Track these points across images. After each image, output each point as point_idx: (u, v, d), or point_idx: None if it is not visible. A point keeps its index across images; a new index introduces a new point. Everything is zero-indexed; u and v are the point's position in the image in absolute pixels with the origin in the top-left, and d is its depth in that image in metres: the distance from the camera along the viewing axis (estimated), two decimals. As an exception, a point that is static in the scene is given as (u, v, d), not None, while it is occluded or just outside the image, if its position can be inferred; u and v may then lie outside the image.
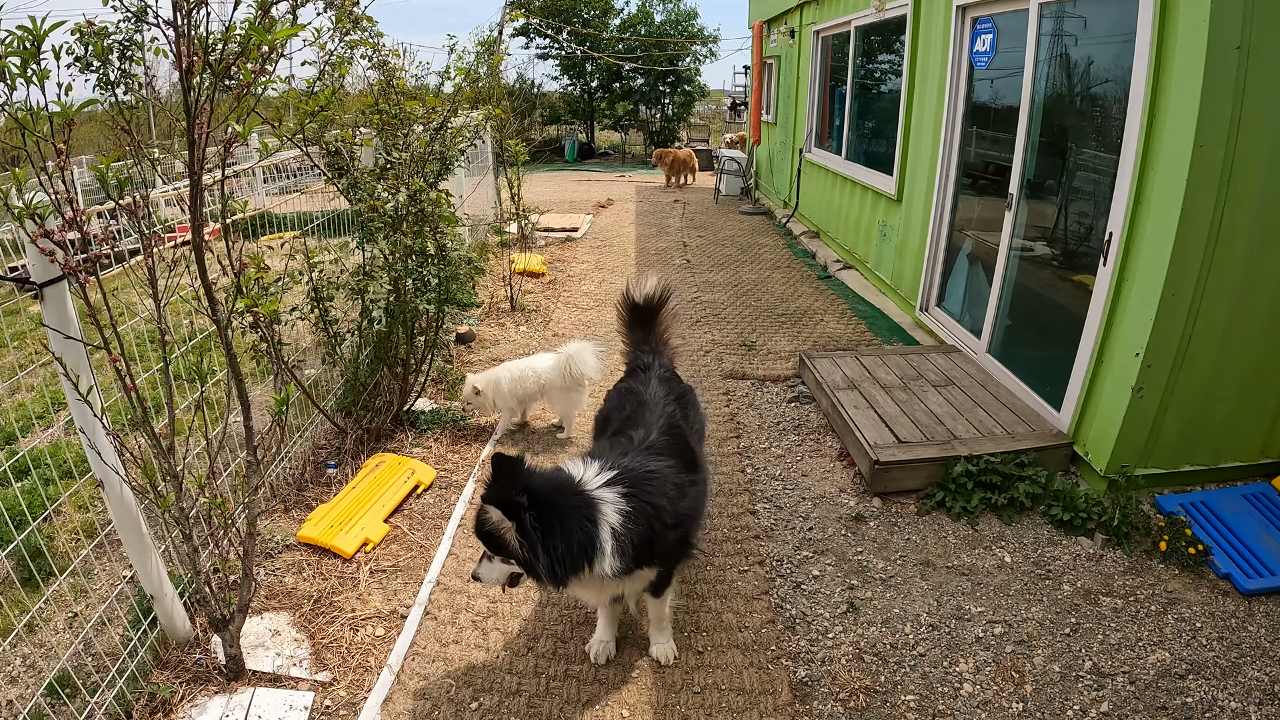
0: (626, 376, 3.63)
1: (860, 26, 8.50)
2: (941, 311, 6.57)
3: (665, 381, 3.36)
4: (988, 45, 5.68)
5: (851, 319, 7.12)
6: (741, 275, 8.65)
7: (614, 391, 3.52)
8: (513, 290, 7.28)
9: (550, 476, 2.46)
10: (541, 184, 17.13)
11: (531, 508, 2.24)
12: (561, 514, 2.30)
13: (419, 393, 5.33)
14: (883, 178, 7.78)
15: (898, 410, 4.75)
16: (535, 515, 2.25)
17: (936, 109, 6.37)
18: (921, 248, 6.74)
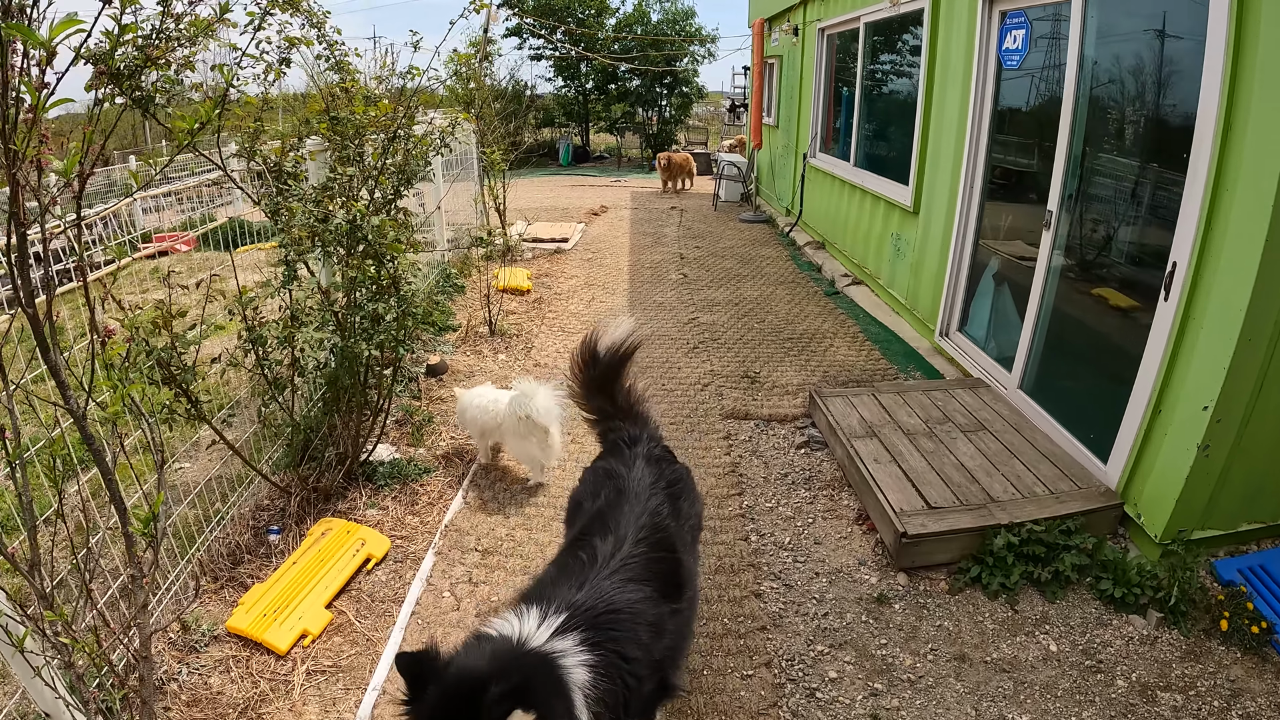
0: (606, 454, 2.98)
1: (871, 22, 7.91)
2: (964, 338, 5.99)
3: (655, 463, 2.71)
4: (1019, 42, 5.10)
5: (863, 344, 6.53)
6: (743, 292, 8.06)
7: (590, 471, 2.89)
8: (491, 313, 6.68)
9: (473, 665, 1.68)
10: (534, 189, 16.56)
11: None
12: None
13: (379, 439, 4.75)
14: (897, 187, 7.20)
15: (924, 464, 4.17)
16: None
17: (959, 114, 5.78)
18: (942, 266, 6.15)
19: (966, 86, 5.64)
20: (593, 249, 10.27)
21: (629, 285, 8.31)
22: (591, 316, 7.22)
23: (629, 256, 9.73)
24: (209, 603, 3.57)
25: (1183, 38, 3.65)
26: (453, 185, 9.40)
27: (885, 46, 7.97)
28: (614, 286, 8.27)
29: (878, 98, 8.26)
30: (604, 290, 8.13)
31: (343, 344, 3.86)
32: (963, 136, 5.71)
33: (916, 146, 6.56)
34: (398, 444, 5.02)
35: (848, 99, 9.08)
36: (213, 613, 3.47)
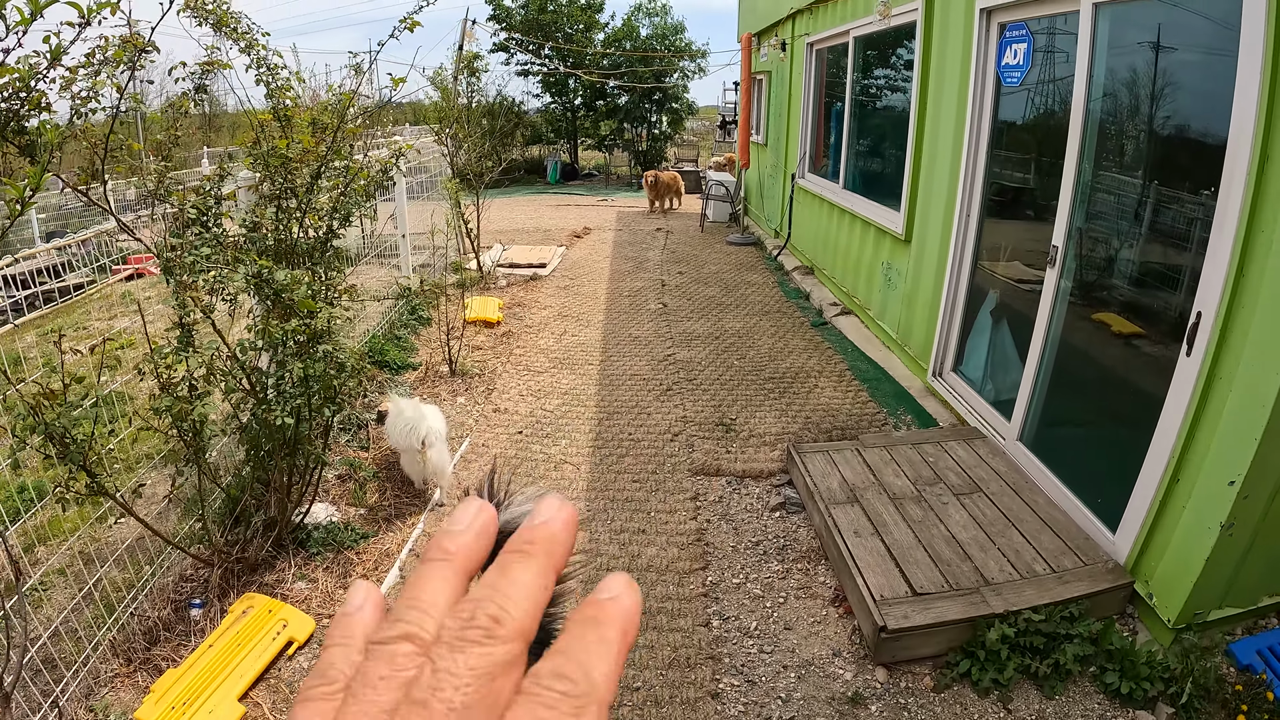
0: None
1: (861, 37, 7.54)
2: (959, 379, 5.58)
3: None
4: (1020, 57, 4.71)
5: (850, 383, 6.12)
6: (725, 323, 7.66)
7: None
8: (451, 352, 6.26)
9: None
10: (518, 209, 16.18)
11: None
12: None
13: (313, 499, 4.33)
14: (888, 213, 6.81)
15: (911, 537, 3.74)
16: None
17: (954, 136, 5.39)
18: (935, 300, 5.75)
19: (962, 106, 5.26)
20: (571, 275, 9.86)
21: (605, 316, 7.91)
22: (561, 353, 6.81)
23: (608, 284, 9.33)
24: (121, 687, 3.22)
25: (1209, 54, 3.26)
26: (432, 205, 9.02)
27: (876, 62, 7.60)
28: (589, 318, 7.86)
29: (868, 117, 7.88)
30: (578, 322, 7.72)
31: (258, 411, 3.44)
32: (958, 161, 5.32)
33: (909, 171, 6.17)
34: (338, 503, 4.60)
35: (837, 117, 8.71)
36: (123, 700, 3.14)
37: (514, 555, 0.35)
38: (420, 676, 0.31)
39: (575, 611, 0.35)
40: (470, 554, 0.37)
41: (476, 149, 10.11)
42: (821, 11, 8.72)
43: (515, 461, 4.89)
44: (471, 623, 0.32)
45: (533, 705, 0.30)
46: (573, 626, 0.34)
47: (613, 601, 0.35)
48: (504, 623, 0.32)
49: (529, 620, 0.33)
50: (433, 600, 0.34)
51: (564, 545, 0.37)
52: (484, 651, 0.31)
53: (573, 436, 5.18)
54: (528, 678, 0.32)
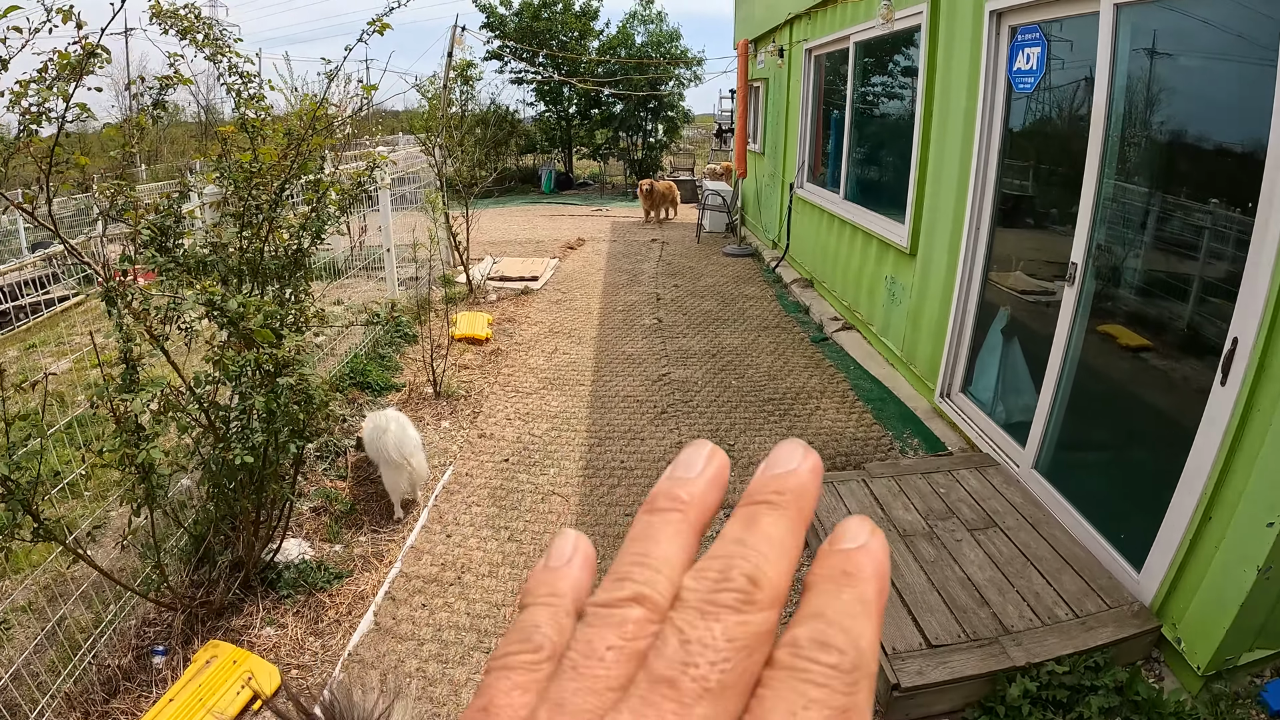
0: None
1: (861, 42, 7.32)
2: (968, 400, 5.34)
3: None
4: (1033, 62, 4.49)
5: (854, 404, 5.87)
6: (722, 339, 7.41)
7: None
8: (436, 373, 6.01)
9: None
10: (511, 219, 15.96)
11: None
12: None
13: (284, 536, 4.07)
14: (892, 225, 6.57)
15: (924, 580, 3.49)
16: None
17: (963, 146, 5.16)
18: (943, 318, 5.51)
19: (971, 113, 5.03)
20: (563, 289, 9.62)
21: (598, 332, 7.66)
22: (552, 372, 6.56)
23: (601, 298, 9.09)
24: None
25: (1244, 61, 3.03)
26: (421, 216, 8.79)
27: (877, 68, 7.38)
28: (581, 334, 7.61)
29: (869, 125, 7.66)
30: (569, 339, 7.47)
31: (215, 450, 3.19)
32: (967, 171, 5.09)
33: (913, 181, 5.94)
34: (312, 538, 4.34)
35: (837, 126, 8.49)
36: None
37: (762, 507, 0.29)
38: (662, 648, 0.26)
39: (819, 564, 0.28)
40: (705, 505, 0.30)
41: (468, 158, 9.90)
42: (820, 17, 8.51)
43: (501, 492, 4.63)
44: (725, 584, 0.27)
45: (799, 683, 0.25)
46: (822, 584, 0.28)
47: (863, 551, 0.28)
48: (762, 585, 0.27)
49: (786, 583, 0.27)
50: (665, 557, 0.28)
51: (814, 497, 0.30)
52: (741, 620, 0.26)
53: (562, 465, 4.93)
54: (782, 647, 0.26)
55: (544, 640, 0.29)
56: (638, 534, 0.30)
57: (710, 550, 0.28)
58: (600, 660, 0.26)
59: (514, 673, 0.28)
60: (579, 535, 0.33)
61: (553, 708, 0.26)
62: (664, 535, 0.29)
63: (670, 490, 0.31)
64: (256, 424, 3.27)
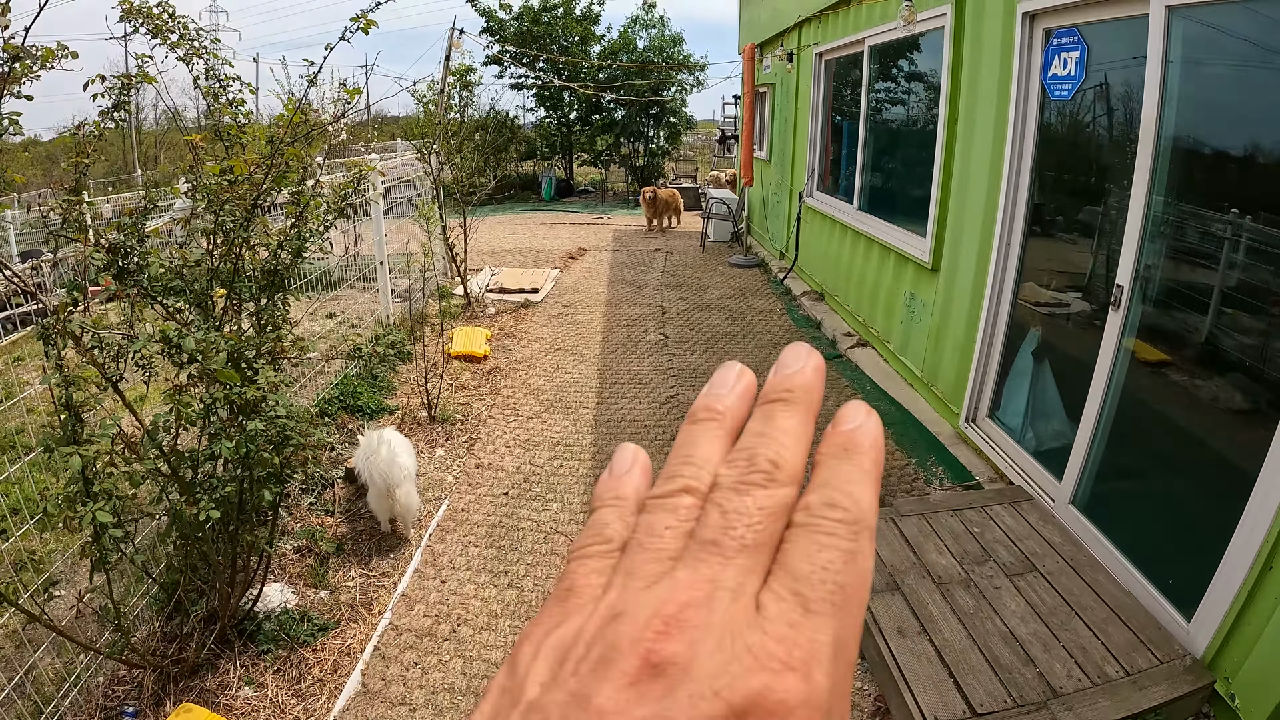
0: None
1: (877, 45, 7.03)
2: (996, 426, 5.03)
3: None
4: (1072, 67, 4.19)
5: (874, 429, 5.56)
6: (731, 356, 7.07)
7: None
8: (431, 396, 5.70)
9: None
10: (511, 228, 15.67)
11: None
12: None
13: (264, 582, 3.76)
14: (911, 238, 6.27)
15: (963, 636, 3.18)
16: None
17: (992, 155, 4.86)
18: (969, 338, 5.21)
19: (1001, 123, 4.73)
20: (565, 301, 9.31)
21: (601, 349, 7.35)
22: (553, 393, 6.24)
23: (604, 311, 8.78)
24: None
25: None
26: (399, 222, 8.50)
27: (894, 73, 7.07)
28: (584, 351, 7.30)
29: (886, 132, 7.35)
30: (571, 357, 7.16)
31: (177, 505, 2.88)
32: (996, 183, 4.79)
33: (936, 192, 5.64)
34: (296, 582, 4.03)
35: (850, 133, 8.19)
36: None
37: (776, 404, 0.36)
38: (706, 519, 0.32)
39: (824, 444, 0.35)
40: (737, 414, 0.37)
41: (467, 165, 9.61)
42: (832, 20, 8.21)
43: (500, 531, 4.32)
44: (753, 466, 0.33)
45: (813, 534, 0.31)
46: (827, 459, 0.34)
47: (859, 430, 0.35)
48: (782, 466, 0.33)
49: (802, 463, 0.34)
50: (706, 456, 0.35)
51: (819, 391, 0.37)
52: (768, 493, 0.32)
53: (565, 499, 4.62)
54: (798, 511, 0.32)
55: (613, 534, 0.34)
56: (683, 440, 0.36)
57: (739, 443, 0.35)
58: (659, 537, 0.32)
59: (591, 560, 0.34)
60: (636, 448, 0.39)
61: (625, 575, 0.31)
62: (704, 440, 0.35)
63: (707, 404, 0.37)
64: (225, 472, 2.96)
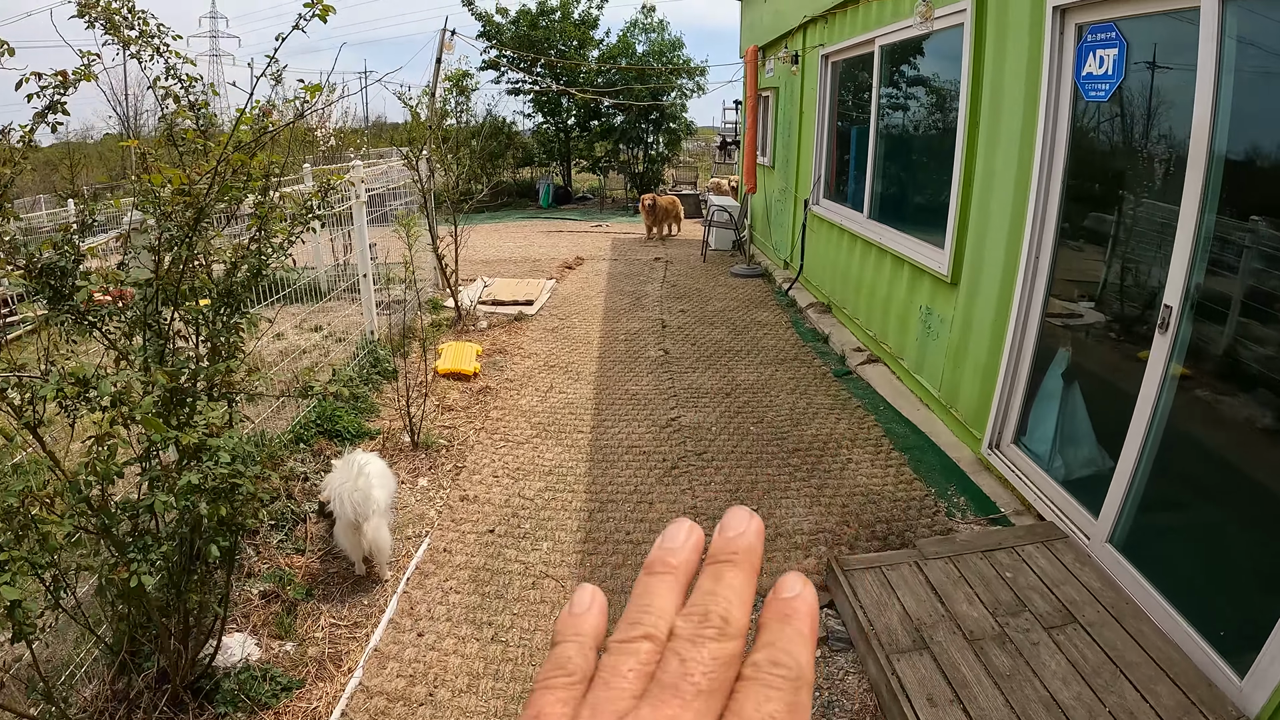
0: None
1: (889, 45, 6.69)
2: (1022, 454, 4.68)
3: None
4: (1109, 65, 3.85)
5: (889, 454, 5.21)
6: (736, 374, 6.76)
7: None
8: (412, 420, 5.35)
9: None
10: (507, 236, 15.33)
11: None
12: None
13: (223, 632, 3.40)
14: (927, 249, 5.92)
15: (1001, 703, 2.82)
16: None
17: (1019, 162, 4.52)
18: (993, 357, 4.86)
19: (1029, 127, 4.39)
20: (561, 314, 8.96)
21: (598, 366, 7.00)
22: (546, 415, 5.88)
23: (602, 325, 8.43)
24: None
25: None
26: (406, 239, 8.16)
27: (908, 74, 6.72)
28: (579, 369, 6.94)
29: (899, 138, 6.99)
30: (566, 375, 6.80)
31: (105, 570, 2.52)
32: (1024, 192, 4.44)
33: (955, 201, 5.29)
34: (260, 632, 3.67)
35: (858, 138, 7.85)
36: None
37: (725, 565, 0.41)
38: (666, 665, 0.37)
39: (767, 610, 0.40)
40: (689, 567, 0.42)
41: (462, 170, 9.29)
42: (840, 19, 7.88)
43: (484, 574, 3.96)
44: (706, 622, 0.38)
45: (760, 688, 0.36)
46: (772, 623, 0.39)
47: (798, 599, 0.40)
48: (731, 622, 0.38)
49: (747, 619, 0.39)
50: (663, 607, 0.40)
51: (760, 552, 0.42)
52: (720, 646, 0.37)
53: (557, 537, 4.26)
54: (747, 666, 0.37)
55: (575, 668, 0.39)
56: (641, 591, 0.41)
57: (691, 599, 0.40)
58: (623, 677, 0.37)
59: (555, 691, 0.38)
60: (595, 589, 0.43)
61: (590, 709, 0.36)
62: (660, 591, 0.40)
63: (662, 558, 0.42)
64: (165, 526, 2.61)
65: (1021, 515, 4.51)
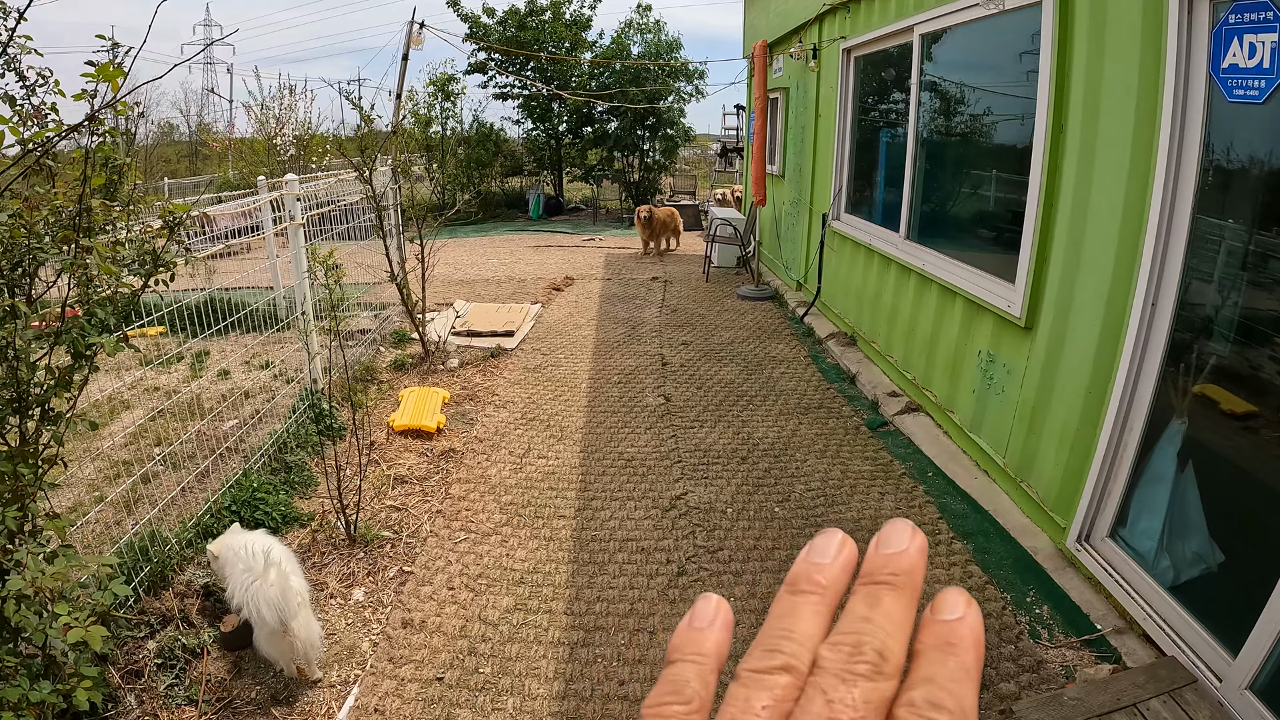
0: None
1: (933, 34, 5.63)
2: (1120, 551, 3.65)
3: None
4: (1263, 55, 2.82)
5: (950, 546, 4.16)
6: (752, 428, 5.69)
7: None
8: (347, 511, 4.26)
9: None
10: (491, 251, 14.27)
11: None
12: None
13: None
14: (990, 282, 4.85)
15: None
16: None
17: (1128, 180, 3.47)
18: (1089, 427, 3.82)
19: (1144, 135, 3.35)
20: (545, 347, 7.88)
21: (585, 419, 5.91)
22: (520, 492, 4.80)
23: (592, 361, 7.35)
24: None
25: None
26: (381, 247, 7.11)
27: (959, 68, 5.61)
28: (563, 422, 5.86)
29: (947, 145, 5.89)
30: (547, 431, 5.71)
31: None
32: (1136, 221, 3.40)
33: (1033, 226, 4.23)
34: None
35: (891, 145, 6.80)
36: None
37: (882, 588, 0.36)
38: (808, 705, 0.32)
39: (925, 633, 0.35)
40: (839, 587, 0.37)
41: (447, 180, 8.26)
42: (867, 7, 6.83)
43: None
44: (859, 657, 0.33)
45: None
46: (931, 652, 0.34)
47: (961, 624, 0.35)
48: (888, 658, 0.33)
49: (904, 654, 0.34)
50: (807, 633, 0.35)
51: (923, 574, 0.37)
52: (873, 686, 0.32)
53: (526, 688, 3.17)
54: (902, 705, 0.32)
55: (693, 695, 0.34)
56: (783, 611, 0.36)
57: (841, 625, 0.35)
58: (756, 715, 0.32)
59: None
60: (720, 600, 0.39)
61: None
62: (805, 614, 0.36)
63: (809, 574, 0.37)
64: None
65: (1123, 634, 3.49)
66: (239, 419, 5.87)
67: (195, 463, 4.74)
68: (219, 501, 4.43)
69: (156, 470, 4.60)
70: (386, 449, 5.37)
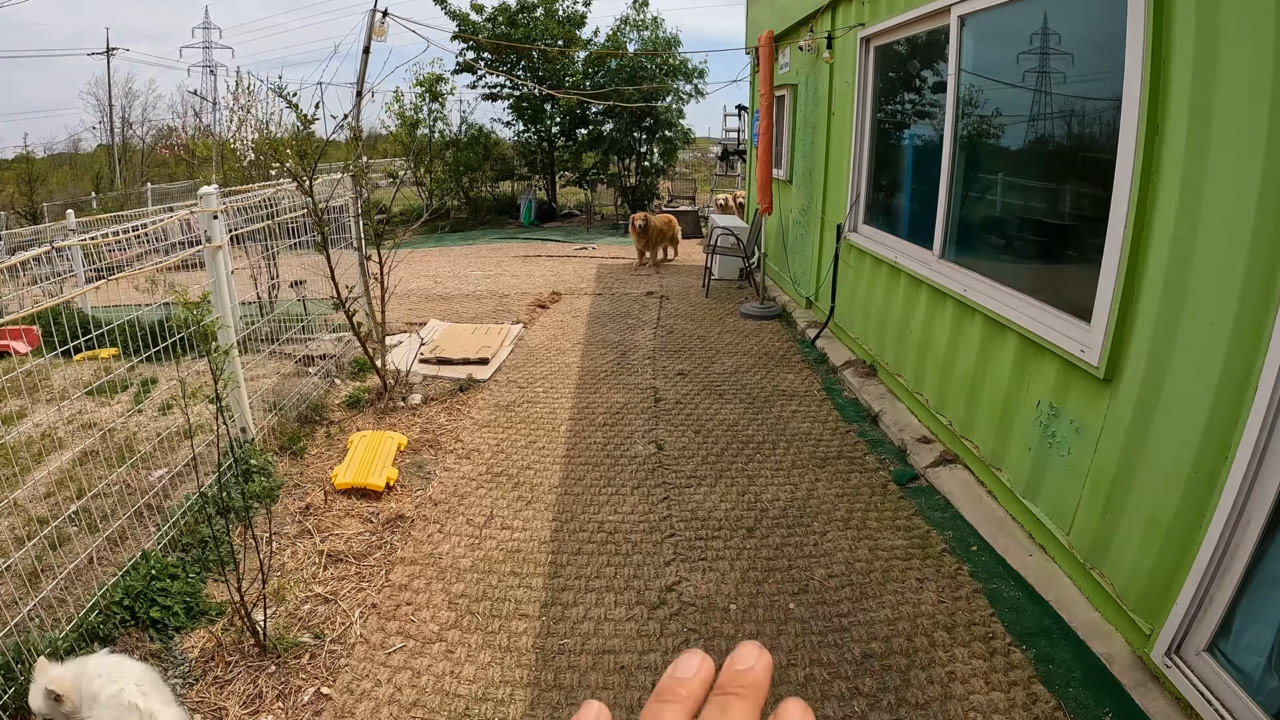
0: None
1: (974, 15, 4.82)
2: (1220, 669, 2.85)
3: None
4: None
5: (1007, 655, 3.33)
6: (759, 486, 4.87)
7: None
8: (252, 618, 3.44)
9: None
10: (476, 261, 13.48)
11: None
12: None
13: None
14: (1055, 318, 4.02)
15: None
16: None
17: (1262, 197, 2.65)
18: (1192, 515, 3.01)
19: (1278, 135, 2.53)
20: (522, 379, 7.06)
21: (562, 474, 5.08)
22: (476, 578, 3.97)
23: (574, 396, 6.52)
24: None
25: None
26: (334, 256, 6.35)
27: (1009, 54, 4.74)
28: (535, 479, 5.02)
29: (994, 149, 5.04)
30: (515, 492, 4.87)
31: None
32: (1273, 252, 2.59)
33: (1119, 253, 3.39)
34: None
35: (921, 147, 5.99)
36: None
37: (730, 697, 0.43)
38: None
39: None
40: (699, 698, 0.44)
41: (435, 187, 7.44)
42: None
43: None
44: None
45: None
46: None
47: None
48: None
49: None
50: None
51: (765, 688, 0.44)
52: None
53: None
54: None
55: None
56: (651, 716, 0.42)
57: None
58: None
59: None
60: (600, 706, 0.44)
61: None
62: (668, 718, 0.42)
63: (673, 688, 0.44)
64: None
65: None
66: (168, 468, 5.07)
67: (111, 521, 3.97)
68: (109, 594, 3.62)
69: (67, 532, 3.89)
70: (324, 514, 4.55)
